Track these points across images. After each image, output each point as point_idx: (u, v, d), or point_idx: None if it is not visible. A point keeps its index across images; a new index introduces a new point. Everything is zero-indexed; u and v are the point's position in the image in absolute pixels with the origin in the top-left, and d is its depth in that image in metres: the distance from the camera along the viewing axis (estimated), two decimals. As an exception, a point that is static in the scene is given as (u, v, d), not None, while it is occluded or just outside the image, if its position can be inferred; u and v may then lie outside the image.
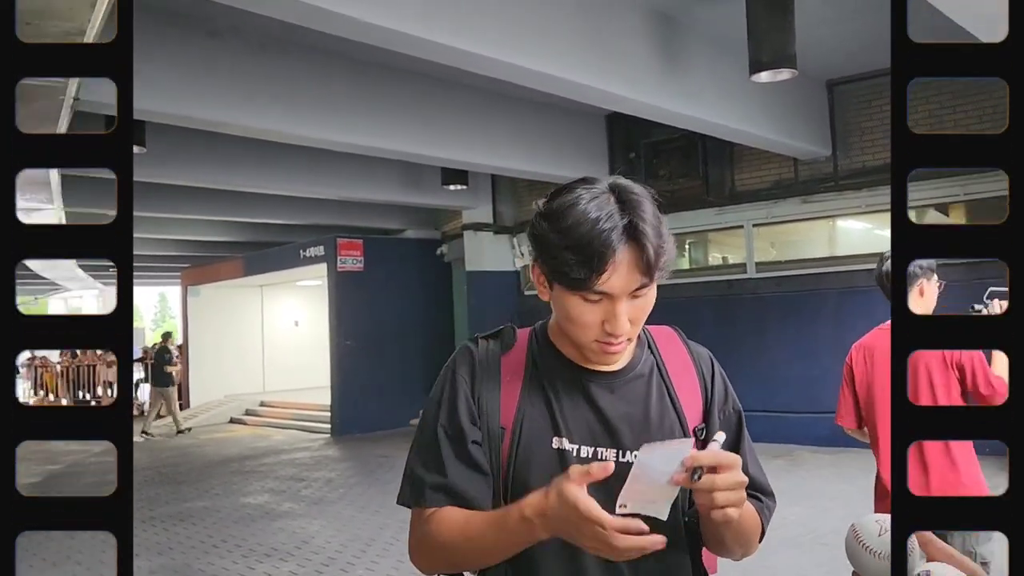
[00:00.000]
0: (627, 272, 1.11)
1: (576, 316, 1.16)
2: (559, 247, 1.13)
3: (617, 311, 1.13)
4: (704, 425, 1.27)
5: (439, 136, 8.13)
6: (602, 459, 1.19)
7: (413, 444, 1.27)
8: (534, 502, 1.06)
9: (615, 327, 1.14)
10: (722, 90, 7.08)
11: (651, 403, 1.25)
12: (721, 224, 9.92)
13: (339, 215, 13.02)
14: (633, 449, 1.19)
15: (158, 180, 9.38)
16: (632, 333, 1.18)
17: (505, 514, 1.12)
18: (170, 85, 6.29)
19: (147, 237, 15.74)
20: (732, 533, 1.18)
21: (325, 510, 7.21)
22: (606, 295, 1.13)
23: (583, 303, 1.15)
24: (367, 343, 12.83)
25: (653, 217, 1.13)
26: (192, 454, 11.30)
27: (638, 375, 1.27)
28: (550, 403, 1.22)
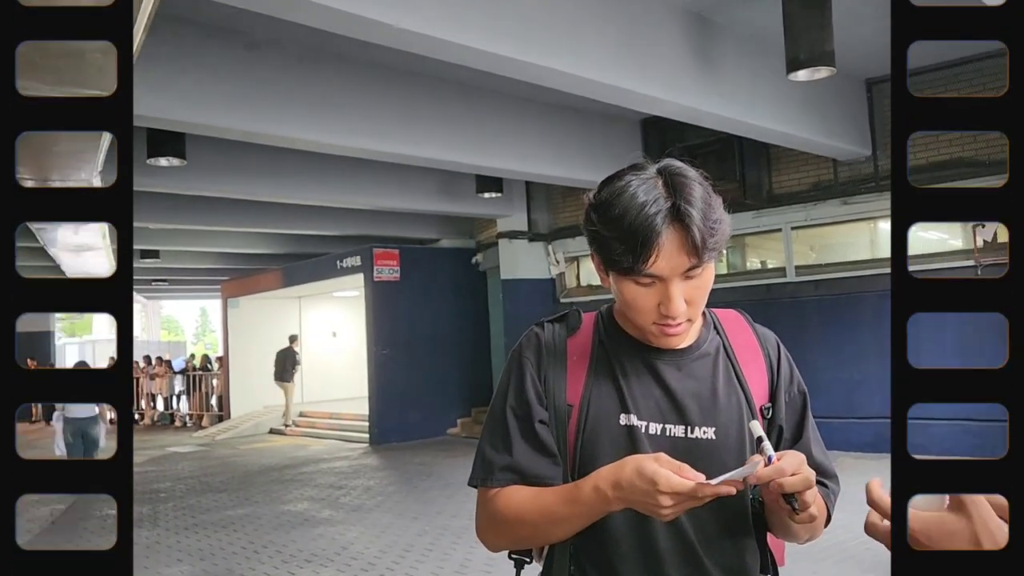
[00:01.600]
0: (675, 254, 1.12)
1: (632, 300, 1.18)
2: (608, 236, 1.15)
3: (671, 293, 1.15)
4: (771, 404, 1.28)
5: (473, 143, 8.16)
6: (670, 435, 1.21)
7: (484, 426, 1.30)
8: (608, 474, 1.09)
9: (670, 309, 1.15)
10: (759, 90, 7.01)
11: (718, 381, 1.26)
12: (759, 228, 9.79)
13: (375, 225, 13.14)
14: (701, 425, 1.21)
15: (198, 192, 9.54)
16: (692, 314, 1.19)
17: (577, 487, 1.14)
18: (209, 97, 6.40)
19: (188, 250, 16.02)
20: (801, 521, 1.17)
21: (364, 517, 7.25)
22: (657, 278, 1.14)
23: (637, 287, 1.16)
24: (404, 352, 12.90)
25: (701, 199, 1.14)
26: (233, 463, 11.45)
27: (704, 353, 1.28)
28: (617, 381, 1.24)
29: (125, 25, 0.56)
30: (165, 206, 10.92)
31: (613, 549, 1.20)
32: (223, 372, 17.46)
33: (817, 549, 4.64)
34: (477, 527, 1.29)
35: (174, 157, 7.70)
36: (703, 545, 1.20)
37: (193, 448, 13.76)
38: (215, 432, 15.50)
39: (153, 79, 5.93)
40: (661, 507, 1.03)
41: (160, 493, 9.10)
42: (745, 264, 10.56)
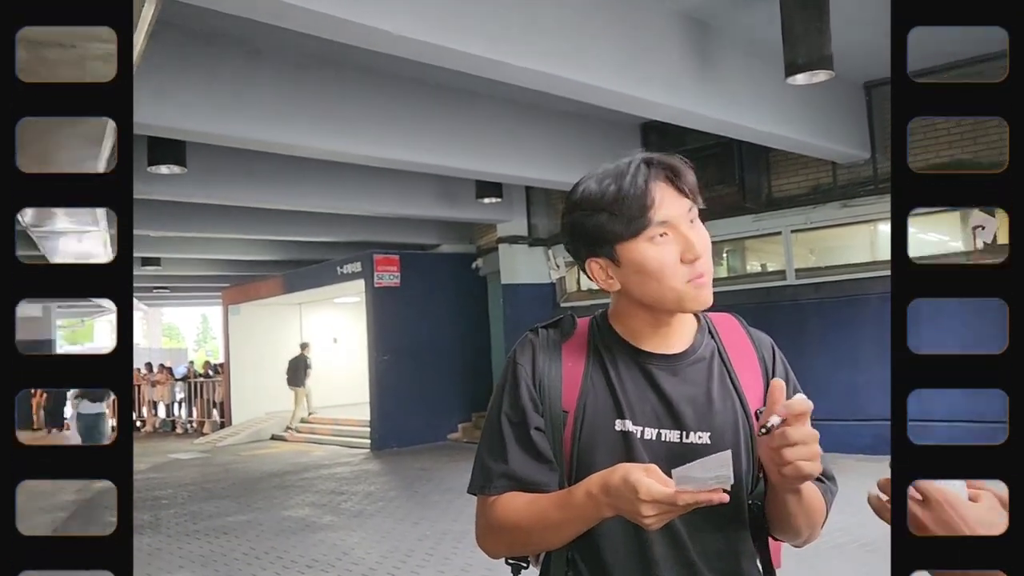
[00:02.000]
0: (674, 198, 1.18)
1: (654, 264, 1.18)
2: (601, 215, 1.18)
3: (687, 236, 1.18)
4: (765, 409, 1.27)
5: (473, 149, 8.18)
6: (665, 441, 1.21)
7: (481, 434, 1.31)
8: (599, 479, 1.10)
9: (694, 251, 1.18)
10: (758, 94, 7.03)
11: (713, 386, 1.25)
12: (759, 231, 9.80)
13: (375, 231, 13.15)
14: (696, 430, 1.21)
15: (199, 200, 9.56)
16: (710, 265, 1.21)
17: (570, 492, 1.15)
18: (209, 105, 6.41)
19: (189, 258, 16.02)
20: (803, 507, 1.17)
21: (365, 523, 7.24)
22: (668, 224, 1.17)
23: (652, 246, 1.18)
24: (405, 358, 12.89)
25: (675, 157, 1.21)
26: (235, 470, 11.44)
27: (699, 358, 1.28)
28: (613, 386, 1.24)
29: (126, 10, 0.55)
30: (166, 214, 10.94)
31: (608, 554, 1.21)
32: (224, 379, 17.45)
33: (813, 552, 4.63)
34: (477, 534, 1.29)
35: (174, 165, 7.72)
36: (699, 551, 1.20)
37: (195, 455, 13.74)
38: (216, 439, 15.48)
39: (153, 87, 5.94)
40: (643, 515, 1.03)
41: (162, 500, 9.09)
42: (745, 267, 10.57)
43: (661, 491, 1.02)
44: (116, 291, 0.56)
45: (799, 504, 1.16)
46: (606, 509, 1.10)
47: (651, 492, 1.02)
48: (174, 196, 9.14)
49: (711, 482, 1.01)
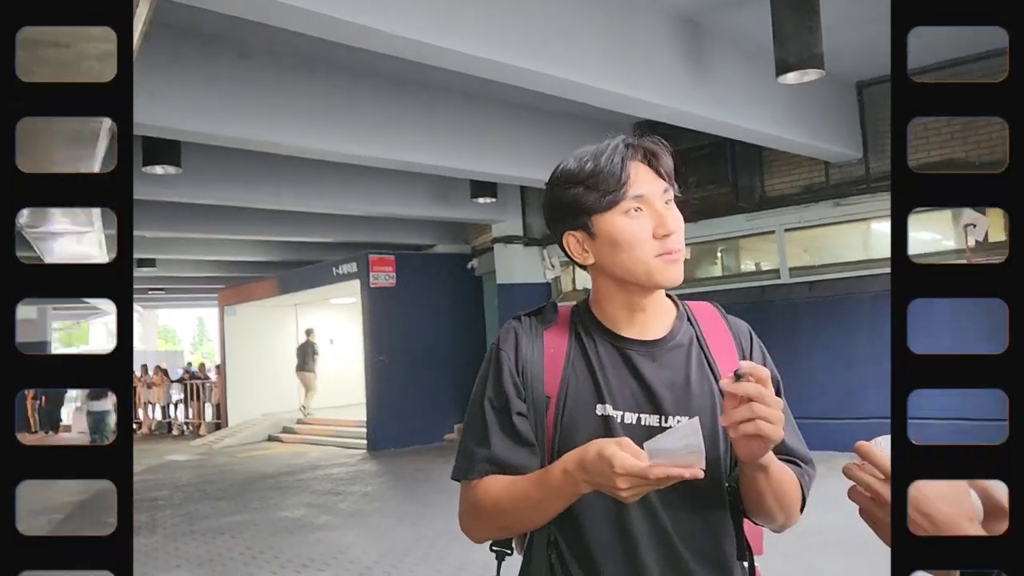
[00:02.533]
0: (650, 177, 1.21)
1: (627, 235, 1.22)
2: (577, 188, 1.22)
3: (660, 212, 1.21)
4: None
5: (467, 149, 8.19)
6: (645, 425, 1.23)
7: (465, 420, 1.33)
8: (574, 457, 1.12)
9: (666, 226, 1.21)
10: (750, 94, 7.06)
11: (691, 371, 1.28)
12: (753, 230, 9.84)
13: (371, 232, 13.14)
14: (675, 414, 1.24)
15: (193, 200, 9.55)
16: (681, 244, 1.23)
17: (548, 471, 1.18)
18: (204, 105, 6.41)
19: (184, 259, 15.99)
20: (771, 485, 1.18)
21: (362, 522, 7.24)
22: (642, 199, 1.20)
23: (626, 220, 1.21)
24: (401, 359, 12.89)
25: (655, 140, 1.24)
26: (231, 471, 11.42)
27: (678, 344, 1.31)
28: (594, 372, 1.26)
29: (126, 10, 0.56)
30: (161, 214, 10.92)
31: (589, 537, 1.23)
32: (220, 380, 17.42)
33: (805, 549, 4.65)
34: (460, 519, 1.32)
35: (169, 165, 7.71)
36: (678, 532, 1.22)
37: (191, 456, 13.72)
38: (213, 440, 15.46)
39: (148, 87, 5.94)
40: (618, 489, 1.05)
41: (158, 501, 9.08)
42: (739, 266, 10.59)
43: (634, 464, 1.04)
44: (117, 291, 0.56)
45: (767, 482, 1.17)
46: (583, 485, 1.12)
47: (624, 465, 1.04)
48: (169, 196, 9.13)
49: (683, 452, 1.02)
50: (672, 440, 1.03)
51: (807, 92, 7.01)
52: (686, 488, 1.10)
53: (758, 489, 1.19)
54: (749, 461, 1.14)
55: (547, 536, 1.26)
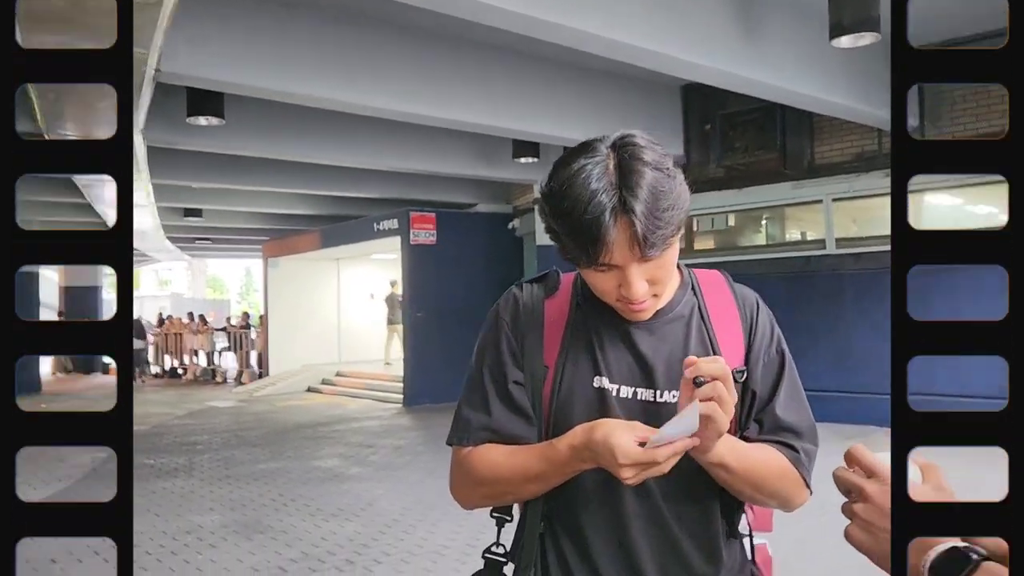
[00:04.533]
0: (626, 247, 1.11)
1: (593, 284, 1.20)
2: (559, 232, 1.15)
3: (629, 278, 1.14)
4: (744, 368, 1.26)
5: (510, 108, 8.10)
6: (641, 399, 1.22)
7: (463, 386, 1.33)
8: (582, 435, 1.12)
9: (630, 293, 1.15)
10: (802, 57, 6.83)
11: (689, 344, 1.26)
12: (799, 199, 9.60)
13: (413, 189, 13.16)
14: (669, 389, 1.22)
15: (236, 152, 9.64)
16: (657, 290, 1.19)
17: (552, 445, 1.17)
18: (247, 57, 6.42)
19: (229, 210, 16.22)
20: (740, 476, 1.17)
21: (391, 475, 7.36)
22: (614, 266, 1.14)
23: (596, 273, 1.17)
24: (438, 316, 12.98)
25: (648, 189, 1.09)
26: (269, 420, 11.68)
27: (678, 316, 1.28)
28: (592, 344, 1.25)
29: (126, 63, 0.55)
30: (205, 165, 11.06)
31: (582, 510, 1.23)
32: (263, 330, 17.76)
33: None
34: (451, 484, 1.32)
35: (213, 116, 7.77)
36: (670, 510, 1.22)
37: (232, 403, 14.07)
38: (253, 388, 15.82)
39: (191, 37, 5.96)
40: (623, 477, 1.07)
41: (197, 445, 9.33)
42: (784, 236, 10.39)
43: (639, 453, 1.05)
44: (116, 258, 0.56)
45: (729, 474, 1.16)
46: (588, 463, 1.13)
47: (629, 456, 1.05)
48: (213, 148, 9.22)
49: (685, 436, 1.04)
50: (672, 427, 1.04)
51: (862, 55, 6.75)
52: (680, 470, 1.10)
53: (724, 481, 1.19)
54: (699, 458, 1.13)
55: (540, 508, 1.26)
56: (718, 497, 1.25)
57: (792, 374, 1.29)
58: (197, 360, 19.88)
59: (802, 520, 1.39)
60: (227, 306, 37.34)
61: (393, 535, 5.36)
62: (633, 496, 1.20)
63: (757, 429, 1.26)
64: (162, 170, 10.28)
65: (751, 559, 1.33)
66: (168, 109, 7.83)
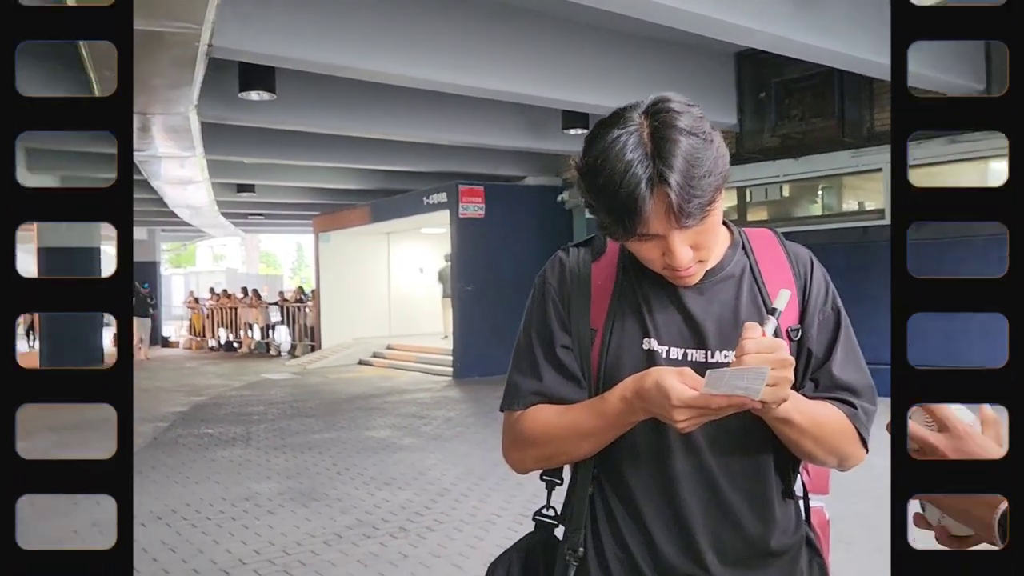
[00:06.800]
0: (663, 218, 1.08)
1: (637, 252, 1.18)
2: (596, 207, 1.13)
3: (672, 246, 1.12)
4: (799, 326, 1.24)
5: (559, 78, 8.00)
6: (691, 360, 1.19)
7: (513, 353, 1.32)
8: (632, 384, 1.11)
9: (674, 261, 1.13)
10: (862, 19, 6.60)
11: (741, 304, 1.23)
12: (858, 167, 9.34)
13: (461, 162, 13.14)
14: (721, 349, 1.19)
15: (287, 127, 9.72)
16: (703, 256, 1.17)
17: (603, 399, 1.16)
18: (298, 31, 6.45)
19: (281, 185, 16.43)
20: (803, 432, 1.15)
21: (443, 446, 7.43)
22: (655, 235, 1.11)
23: (639, 242, 1.14)
24: (488, 289, 13.00)
25: (684, 157, 1.06)
26: (322, 391, 11.89)
27: (728, 275, 1.25)
28: (640, 306, 1.23)
29: (125, 24, 0.55)
30: (257, 140, 11.20)
31: (631, 471, 1.22)
32: (315, 304, 18.03)
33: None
34: (504, 448, 1.31)
35: (264, 91, 7.84)
36: (720, 467, 1.19)
37: (285, 375, 14.34)
38: (307, 361, 16.09)
39: (243, 12, 6.00)
40: (676, 420, 1.05)
41: (253, 416, 9.54)
42: (841, 205, 10.13)
43: (693, 396, 1.03)
44: (116, 215, 0.56)
45: (792, 430, 1.14)
46: (640, 413, 1.11)
47: (682, 398, 1.03)
48: (264, 123, 9.31)
49: (740, 392, 1.00)
50: (735, 378, 1.00)
51: (925, 18, 6.49)
52: (732, 427, 1.09)
53: (786, 437, 1.16)
54: (762, 414, 1.10)
55: (591, 470, 1.25)
56: (772, 454, 1.22)
57: (848, 333, 1.26)
58: (252, 334, 20.30)
59: (859, 485, 1.35)
60: (279, 282, 38.04)
61: (445, 503, 5.42)
62: (683, 454, 1.19)
63: (813, 387, 1.23)
64: (215, 146, 10.43)
65: (806, 521, 1.30)
66: (220, 85, 7.92)
